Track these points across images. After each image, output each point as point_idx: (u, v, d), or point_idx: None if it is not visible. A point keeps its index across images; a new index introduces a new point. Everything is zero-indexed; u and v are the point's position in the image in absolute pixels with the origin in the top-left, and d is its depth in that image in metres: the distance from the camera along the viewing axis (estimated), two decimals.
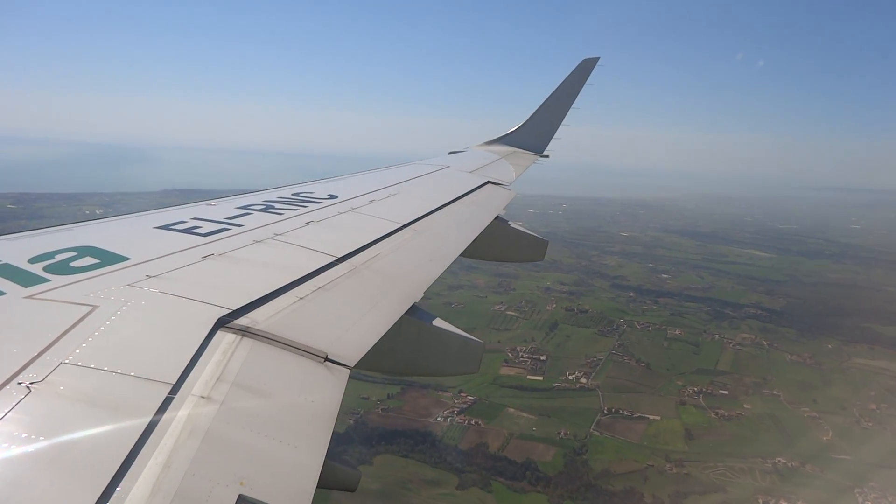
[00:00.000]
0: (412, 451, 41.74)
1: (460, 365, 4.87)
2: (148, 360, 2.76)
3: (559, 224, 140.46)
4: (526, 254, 9.46)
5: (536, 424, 45.62)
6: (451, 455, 41.20)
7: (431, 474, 39.21)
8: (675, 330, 64.05)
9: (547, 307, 70.67)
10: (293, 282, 4.02)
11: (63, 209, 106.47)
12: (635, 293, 79.94)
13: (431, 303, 70.80)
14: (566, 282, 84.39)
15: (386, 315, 4.00)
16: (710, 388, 51.74)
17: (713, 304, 75.97)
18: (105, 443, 2.18)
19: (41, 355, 2.62)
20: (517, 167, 12.47)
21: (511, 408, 47.76)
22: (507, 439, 43.24)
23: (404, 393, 49.27)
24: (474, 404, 48.07)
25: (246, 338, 3.15)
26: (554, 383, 52.46)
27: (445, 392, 49.95)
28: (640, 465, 40.49)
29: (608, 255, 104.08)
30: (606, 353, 58.60)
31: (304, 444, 2.58)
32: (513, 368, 55.05)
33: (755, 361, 57.58)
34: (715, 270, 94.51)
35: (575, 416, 46.73)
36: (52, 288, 3.37)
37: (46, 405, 2.32)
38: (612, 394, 50.60)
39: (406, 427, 44.13)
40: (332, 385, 3.05)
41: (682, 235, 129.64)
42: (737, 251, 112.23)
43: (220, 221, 5.32)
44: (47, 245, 4.13)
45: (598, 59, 14.62)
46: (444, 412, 46.74)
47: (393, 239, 5.70)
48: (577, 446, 42.97)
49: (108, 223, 5.33)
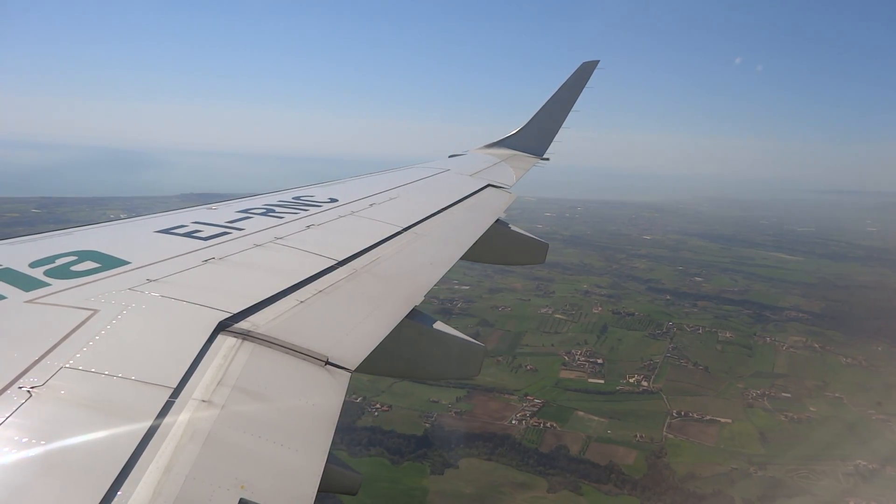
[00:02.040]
0: (492, 454, 41.73)
1: (461, 368, 4.91)
2: (149, 364, 2.79)
3: (579, 227, 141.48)
4: (526, 257, 9.52)
5: (609, 427, 45.76)
6: (533, 458, 41.29)
7: (520, 477, 39.61)
8: (726, 333, 64.16)
9: (593, 310, 70.69)
10: (294, 285, 4.07)
11: (86, 213, 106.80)
12: (672, 296, 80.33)
13: (476, 306, 71.01)
14: (602, 285, 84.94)
15: (387, 318, 4.05)
16: (772, 391, 51.99)
17: (752, 307, 76.34)
18: (106, 447, 2.21)
19: (42, 359, 2.65)
20: (517, 170, 12.57)
21: (580, 411, 48.04)
22: (587, 442, 43.40)
23: (471, 396, 49.58)
24: (543, 407, 47.99)
25: (247, 342, 3.20)
26: (617, 386, 52.60)
27: (511, 395, 50.40)
28: (724, 467, 40.68)
29: (636, 258, 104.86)
30: (662, 356, 58.78)
31: (306, 447, 2.61)
32: (572, 372, 55.37)
33: (810, 364, 57.88)
34: (746, 273, 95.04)
35: (645, 419, 47.02)
36: (53, 292, 3.41)
37: (47, 409, 2.34)
38: (676, 397, 50.83)
39: (483, 430, 44.54)
40: (332, 389, 3.07)
41: (704, 238, 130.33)
42: (763, 254, 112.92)
43: (221, 225, 5.37)
44: (48, 249, 4.18)
45: (598, 63, 14.74)
46: (517, 415, 46.89)
47: (393, 242, 5.76)
48: (655, 449, 43.02)
49: (109, 227, 5.40)
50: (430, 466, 40.49)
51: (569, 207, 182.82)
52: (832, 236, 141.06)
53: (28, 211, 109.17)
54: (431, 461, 41.09)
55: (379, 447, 42.37)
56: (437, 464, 40.88)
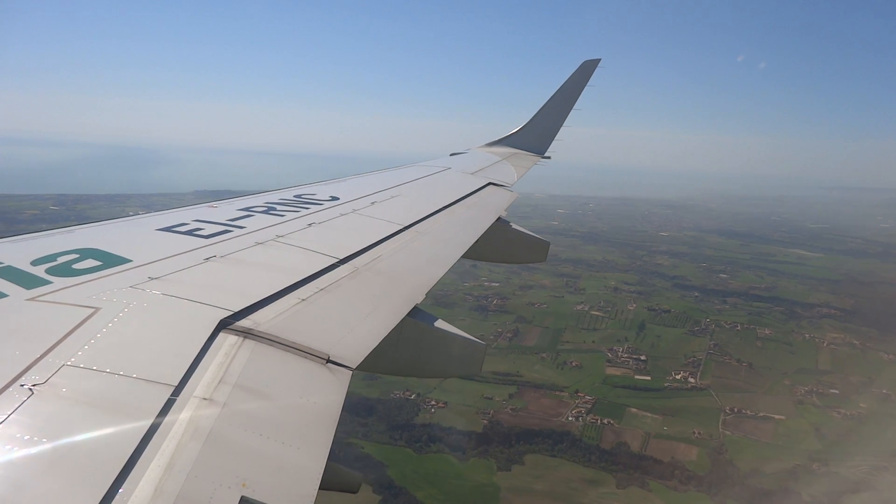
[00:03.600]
0: (553, 451, 42.12)
1: (462, 366, 4.87)
2: (150, 361, 2.81)
3: (595, 224, 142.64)
4: (528, 255, 9.50)
5: (664, 424, 46.06)
6: (595, 454, 41.70)
7: (587, 474, 40.13)
8: (765, 330, 64.53)
9: (628, 307, 71.05)
10: (295, 283, 4.08)
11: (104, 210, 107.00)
12: (700, 293, 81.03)
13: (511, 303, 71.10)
14: (630, 282, 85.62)
15: (388, 317, 4.05)
16: (819, 388, 52.39)
17: (782, 303, 77.19)
18: (107, 445, 2.22)
19: (44, 357, 2.66)
20: (519, 168, 12.59)
21: (632, 408, 48.33)
22: (646, 439, 43.63)
23: (522, 393, 50.23)
24: (595, 404, 48.21)
25: (248, 340, 3.21)
26: (665, 383, 52.88)
27: (561, 392, 50.67)
28: (786, 464, 41.02)
29: (657, 254, 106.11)
30: (704, 353, 59.04)
31: (307, 445, 2.61)
32: (617, 368, 55.91)
33: (853, 361, 58.22)
34: (770, 270, 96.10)
35: (698, 416, 47.53)
36: (55, 290, 3.43)
37: (49, 407, 2.36)
38: (725, 393, 51.35)
39: (541, 426, 45.32)
40: (334, 387, 3.07)
41: (721, 235, 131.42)
42: (784, 251, 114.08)
43: (222, 223, 5.39)
44: (50, 247, 4.22)
45: (600, 61, 14.74)
46: (572, 412, 47.28)
47: (394, 240, 5.75)
48: (715, 446, 43.26)
49: (110, 225, 5.42)
50: (495, 463, 40.55)
51: (581, 205, 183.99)
52: (847, 233, 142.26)
53: (47, 208, 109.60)
54: (496, 458, 41.19)
55: (439, 444, 42.50)
56: (502, 460, 41.12)
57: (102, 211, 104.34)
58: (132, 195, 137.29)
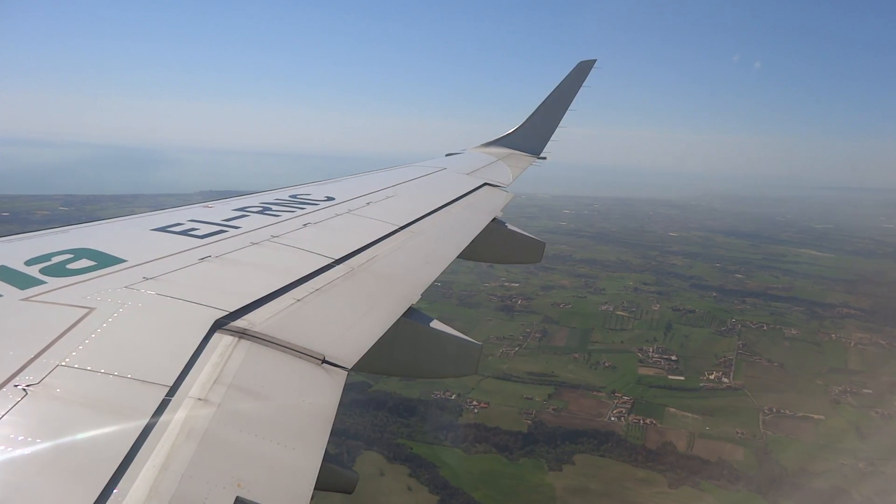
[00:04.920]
0: (598, 450, 42.50)
1: (458, 367, 4.85)
2: (145, 362, 2.82)
3: (602, 224, 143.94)
4: (523, 256, 9.47)
5: (704, 424, 46.45)
6: (641, 454, 42.15)
7: (638, 473, 40.67)
8: (791, 330, 64.94)
9: (652, 307, 71.39)
10: (290, 284, 4.10)
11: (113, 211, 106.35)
12: (718, 293, 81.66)
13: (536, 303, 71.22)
14: (648, 282, 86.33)
15: (383, 317, 4.06)
16: (852, 388, 52.85)
17: (801, 303, 77.99)
18: (102, 445, 2.23)
19: (38, 358, 2.67)
20: (514, 169, 12.60)
21: (671, 407, 48.67)
22: (691, 439, 43.90)
23: (560, 393, 50.97)
24: (634, 404, 48.51)
25: (243, 340, 3.22)
26: (700, 383, 53.19)
27: (598, 392, 50.95)
28: (832, 463, 41.35)
29: (670, 255, 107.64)
30: (734, 352, 59.56)
31: (302, 446, 2.63)
32: (650, 368, 56.60)
33: (882, 360, 58.57)
34: (784, 270, 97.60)
35: (738, 416, 48.08)
36: (49, 290, 3.44)
37: (43, 408, 2.37)
38: (760, 393, 51.96)
39: (585, 426, 45.84)
40: (329, 387, 3.08)
41: (729, 235, 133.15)
42: (795, 251, 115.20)
43: (217, 223, 5.41)
44: (44, 247, 4.23)
45: (595, 62, 14.74)
46: (613, 412, 47.60)
47: (390, 241, 5.76)
48: (759, 445, 43.64)
49: (105, 225, 5.45)
50: (545, 463, 40.72)
51: (585, 205, 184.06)
52: (853, 233, 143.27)
53: (56, 209, 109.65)
54: (544, 458, 41.36)
55: (486, 444, 42.65)
56: (551, 460, 41.40)
57: (111, 212, 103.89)
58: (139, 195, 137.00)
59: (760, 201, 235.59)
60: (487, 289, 77.30)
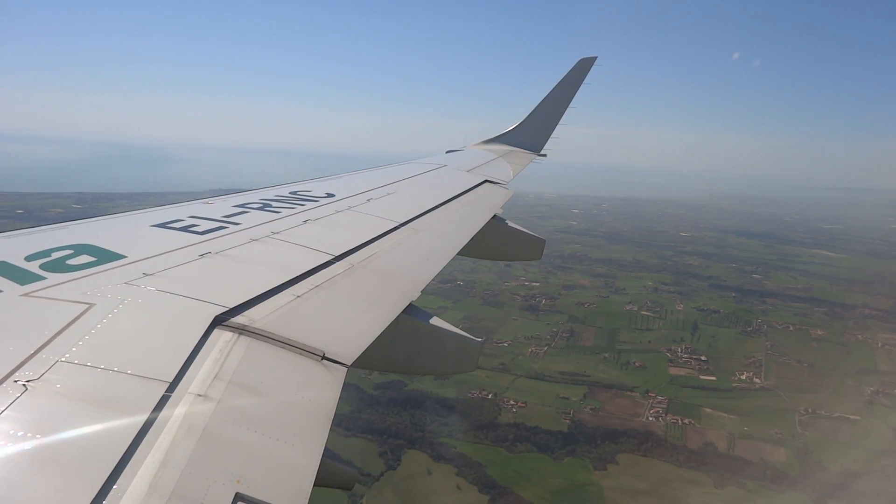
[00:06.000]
0: (640, 450, 42.93)
1: (458, 364, 4.86)
2: (145, 358, 2.84)
3: (613, 224, 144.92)
4: (523, 253, 9.51)
5: (740, 424, 46.69)
6: (683, 454, 42.47)
7: (684, 473, 40.93)
8: (817, 330, 65.22)
9: (676, 307, 71.47)
10: (290, 280, 4.11)
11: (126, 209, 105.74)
12: (737, 293, 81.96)
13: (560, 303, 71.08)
14: (666, 282, 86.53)
15: (383, 314, 4.06)
16: (884, 388, 53.19)
17: (821, 304, 78.40)
18: (102, 441, 2.25)
19: (38, 353, 2.68)
20: (515, 166, 12.58)
21: (706, 408, 48.83)
22: (732, 439, 44.00)
23: (594, 393, 51.52)
24: (669, 404, 48.68)
25: (243, 336, 3.23)
26: (732, 384, 53.40)
27: (632, 392, 51.09)
28: (876, 464, 41.52)
29: (684, 255, 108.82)
30: (762, 353, 59.86)
31: (302, 442, 2.64)
32: (680, 369, 57.15)
33: None
34: (800, 271, 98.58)
35: (774, 417, 48.42)
36: (49, 286, 3.45)
37: (43, 403, 2.38)
38: (793, 394, 52.38)
39: (624, 426, 46.02)
40: (329, 383, 3.09)
41: (740, 235, 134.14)
42: (808, 251, 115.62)
43: (217, 220, 5.43)
44: (44, 243, 4.28)
45: (596, 59, 14.72)
46: (649, 412, 47.62)
47: (390, 238, 5.77)
48: (799, 446, 43.86)
49: (105, 221, 5.47)
50: (590, 462, 40.80)
51: (594, 205, 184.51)
52: (863, 234, 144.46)
53: (69, 206, 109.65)
54: (588, 457, 41.45)
55: (527, 443, 42.78)
56: (594, 459, 41.55)
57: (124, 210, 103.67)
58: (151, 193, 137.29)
59: (766, 201, 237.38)
60: (510, 288, 77.65)
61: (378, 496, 36.18)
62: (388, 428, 43.29)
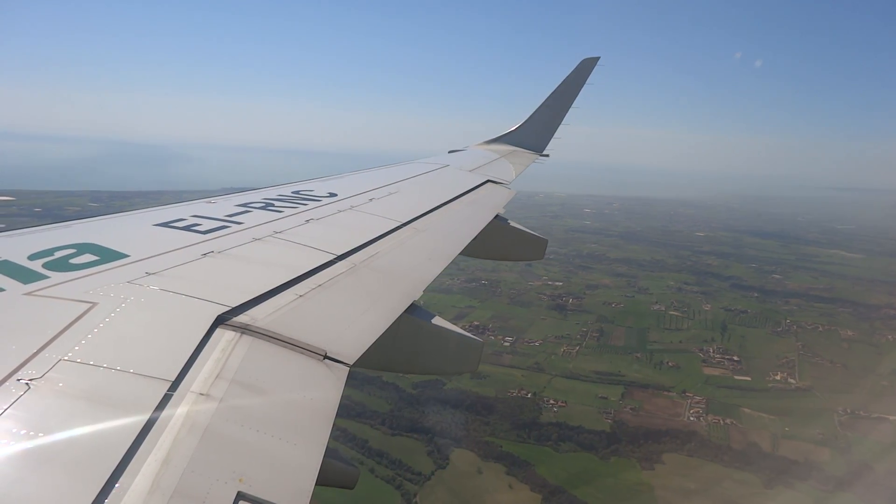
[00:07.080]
0: (684, 450, 43.26)
1: (460, 363, 4.87)
2: (147, 357, 2.86)
3: (626, 224, 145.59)
4: (525, 253, 9.51)
5: (780, 425, 46.90)
6: (727, 454, 42.72)
7: (732, 473, 41.29)
8: (847, 331, 65.42)
9: (703, 307, 71.69)
10: (292, 279, 4.13)
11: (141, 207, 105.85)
12: (759, 294, 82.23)
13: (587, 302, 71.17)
14: (689, 282, 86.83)
15: (385, 313, 4.07)
16: None
17: (845, 304, 78.69)
18: (104, 439, 2.26)
19: (40, 352, 2.70)
20: (517, 166, 12.57)
21: (744, 408, 48.97)
22: (775, 439, 44.19)
23: (631, 393, 51.82)
24: (708, 404, 48.75)
25: (245, 335, 3.24)
26: (768, 384, 53.66)
27: (669, 392, 51.18)
28: None
29: (702, 255, 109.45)
30: (795, 353, 60.02)
31: (304, 441, 2.65)
32: (714, 368, 57.33)
33: None
34: (821, 271, 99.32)
35: (813, 417, 48.69)
36: (52, 285, 3.48)
37: (46, 402, 2.40)
38: (829, 394, 52.47)
39: (666, 426, 46.20)
40: (331, 383, 3.10)
41: (754, 235, 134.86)
42: (826, 252, 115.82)
43: (220, 219, 5.46)
44: (47, 242, 4.31)
45: (599, 59, 14.69)
46: (689, 412, 47.66)
47: (392, 237, 5.78)
48: (841, 446, 43.96)
49: (108, 220, 5.51)
50: (638, 462, 40.92)
51: (606, 204, 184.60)
52: (877, 234, 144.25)
53: (86, 205, 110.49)
54: (634, 456, 41.57)
55: (571, 442, 42.91)
56: (641, 459, 41.68)
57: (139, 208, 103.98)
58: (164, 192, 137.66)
59: (775, 201, 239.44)
60: (534, 287, 77.86)
61: (431, 495, 36.44)
62: (433, 427, 43.50)
